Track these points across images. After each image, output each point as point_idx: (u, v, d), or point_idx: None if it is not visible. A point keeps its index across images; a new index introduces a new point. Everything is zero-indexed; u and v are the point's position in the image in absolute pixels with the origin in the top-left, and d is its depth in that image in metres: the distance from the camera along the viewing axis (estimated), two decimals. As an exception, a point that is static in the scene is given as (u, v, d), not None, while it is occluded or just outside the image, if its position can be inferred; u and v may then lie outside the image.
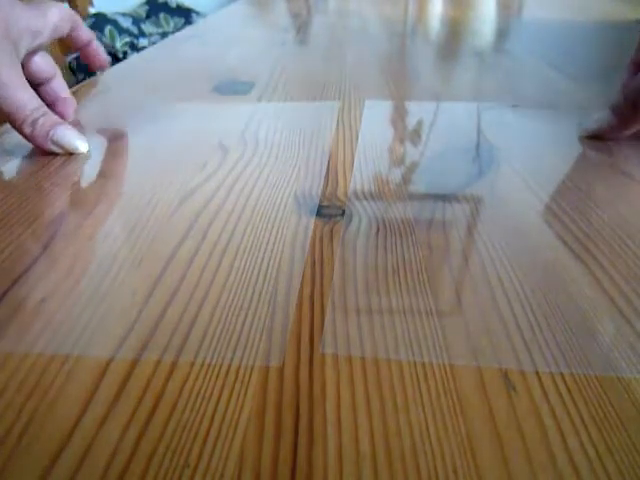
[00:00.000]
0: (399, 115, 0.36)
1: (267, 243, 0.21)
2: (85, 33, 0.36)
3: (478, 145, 0.30)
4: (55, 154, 0.30)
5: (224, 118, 0.36)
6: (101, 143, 0.33)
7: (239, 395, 0.14)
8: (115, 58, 1.44)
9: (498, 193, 0.25)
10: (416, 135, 0.33)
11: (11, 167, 0.29)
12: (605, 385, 0.14)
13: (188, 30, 0.75)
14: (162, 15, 1.77)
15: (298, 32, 0.69)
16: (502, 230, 0.22)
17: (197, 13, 1.84)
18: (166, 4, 1.80)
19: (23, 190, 0.26)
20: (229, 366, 0.15)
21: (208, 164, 0.29)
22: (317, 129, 0.34)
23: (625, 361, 0.15)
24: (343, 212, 0.24)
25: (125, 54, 1.49)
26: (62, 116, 0.34)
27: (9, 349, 0.16)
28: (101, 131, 0.35)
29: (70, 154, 0.30)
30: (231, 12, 0.89)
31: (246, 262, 0.20)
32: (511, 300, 0.18)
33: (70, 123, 0.31)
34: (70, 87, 0.38)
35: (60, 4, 0.33)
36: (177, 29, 1.70)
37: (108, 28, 1.50)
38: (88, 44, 0.37)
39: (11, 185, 0.27)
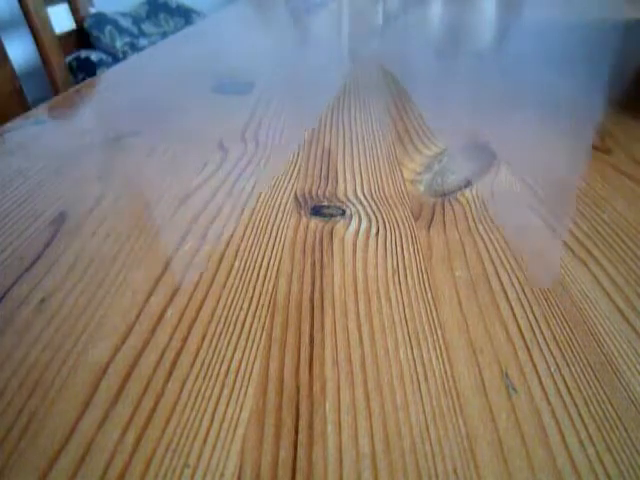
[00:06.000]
0: (399, 115, 0.36)
1: (267, 243, 0.21)
2: None
3: (478, 145, 0.30)
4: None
5: (224, 118, 0.36)
6: (101, 143, 0.33)
7: (239, 395, 0.14)
8: (115, 58, 1.44)
9: (498, 193, 0.25)
10: (415, 134, 0.33)
11: (12, 165, 0.29)
12: (605, 385, 0.14)
13: (188, 30, 0.75)
14: (162, 15, 1.77)
15: (298, 32, 0.69)
16: (502, 230, 0.22)
17: (197, 13, 1.84)
18: (166, 4, 1.80)
19: (24, 188, 0.26)
20: (229, 366, 0.15)
21: (208, 164, 0.29)
22: (317, 129, 0.34)
23: (625, 361, 0.15)
24: (343, 212, 0.24)
25: (125, 54, 1.49)
26: None
27: (9, 349, 0.16)
28: (101, 131, 0.35)
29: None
30: (231, 12, 0.89)
31: (246, 262, 0.20)
32: (511, 300, 0.18)
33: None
34: (70, 87, 0.38)
35: None
36: (177, 29, 1.70)
37: (108, 28, 1.50)
38: None
39: (12, 183, 0.27)
